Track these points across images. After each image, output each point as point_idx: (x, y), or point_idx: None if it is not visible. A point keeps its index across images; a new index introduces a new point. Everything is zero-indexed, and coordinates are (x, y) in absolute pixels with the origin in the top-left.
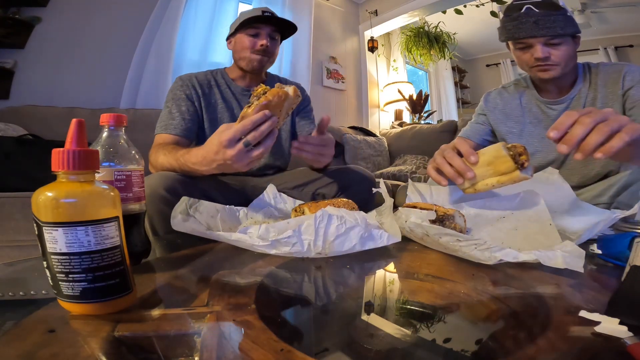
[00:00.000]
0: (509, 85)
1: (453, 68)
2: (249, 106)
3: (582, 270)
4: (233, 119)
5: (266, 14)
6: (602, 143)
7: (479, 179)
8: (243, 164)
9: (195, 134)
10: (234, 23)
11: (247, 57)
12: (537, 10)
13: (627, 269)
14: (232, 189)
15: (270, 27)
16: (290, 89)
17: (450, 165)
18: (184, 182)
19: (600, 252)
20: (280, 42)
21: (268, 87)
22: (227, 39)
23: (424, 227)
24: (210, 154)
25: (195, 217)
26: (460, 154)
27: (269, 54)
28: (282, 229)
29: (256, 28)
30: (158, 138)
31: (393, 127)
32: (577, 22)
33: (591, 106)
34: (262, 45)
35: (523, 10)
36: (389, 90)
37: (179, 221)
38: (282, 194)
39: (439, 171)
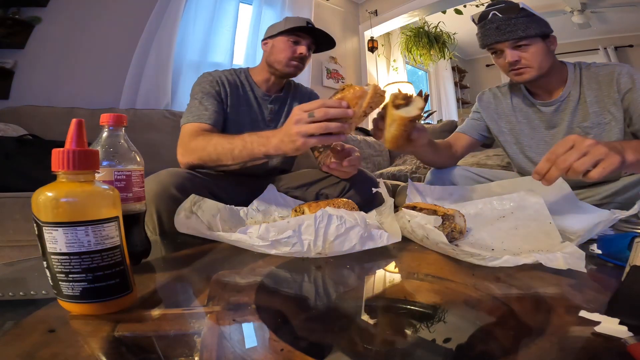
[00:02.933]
0: (503, 85)
1: (453, 68)
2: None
3: (584, 270)
4: (252, 122)
5: (309, 25)
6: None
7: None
8: (300, 132)
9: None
10: (275, 26)
11: (284, 61)
12: (500, 16)
13: (627, 269)
14: (238, 189)
15: (310, 39)
16: (370, 87)
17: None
18: (193, 180)
19: (600, 252)
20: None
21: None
22: (264, 39)
23: (426, 229)
24: (285, 124)
25: (198, 214)
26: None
27: (303, 63)
28: (282, 229)
29: (298, 36)
30: (189, 127)
31: None
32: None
33: (583, 109)
34: (301, 53)
35: (489, 17)
36: (389, 90)
37: (181, 218)
38: (282, 194)
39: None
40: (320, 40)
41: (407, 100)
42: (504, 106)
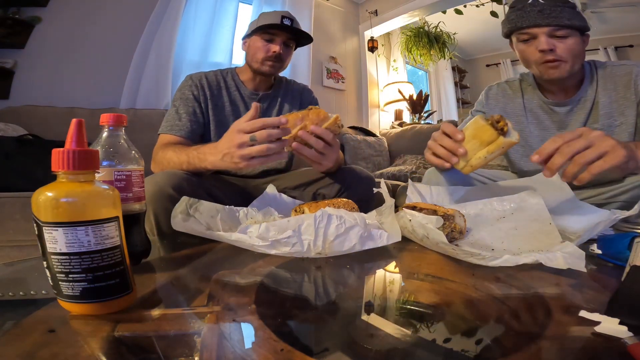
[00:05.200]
0: (513, 80)
1: (453, 68)
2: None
3: (584, 270)
4: None
5: (286, 20)
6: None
7: (470, 154)
8: (243, 155)
9: (200, 136)
10: (252, 23)
11: (259, 61)
12: (543, 2)
13: (627, 269)
14: (235, 189)
15: (286, 35)
16: (333, 116)
17: (443, 147)
18: (190, 180)
19: (600, 252)
20: (295, 48)
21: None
22: (243, 39)
23: (427, 228)
24: (221, 142)
25: (196, 217)
26: (448, 136)
27: (280, 61)
28: (282, 228)
29: (271, 34)
30: (162, 138)
31: (393, 127)
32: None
33: (595, 110)
34: (274, 51)
35: (530, 1)
36: (389, 90)
37: (179, 221)
38: (282, 194)
39: (436, 155)
40: (301, 35)
41: (504, 121)
42: (515, 105)
